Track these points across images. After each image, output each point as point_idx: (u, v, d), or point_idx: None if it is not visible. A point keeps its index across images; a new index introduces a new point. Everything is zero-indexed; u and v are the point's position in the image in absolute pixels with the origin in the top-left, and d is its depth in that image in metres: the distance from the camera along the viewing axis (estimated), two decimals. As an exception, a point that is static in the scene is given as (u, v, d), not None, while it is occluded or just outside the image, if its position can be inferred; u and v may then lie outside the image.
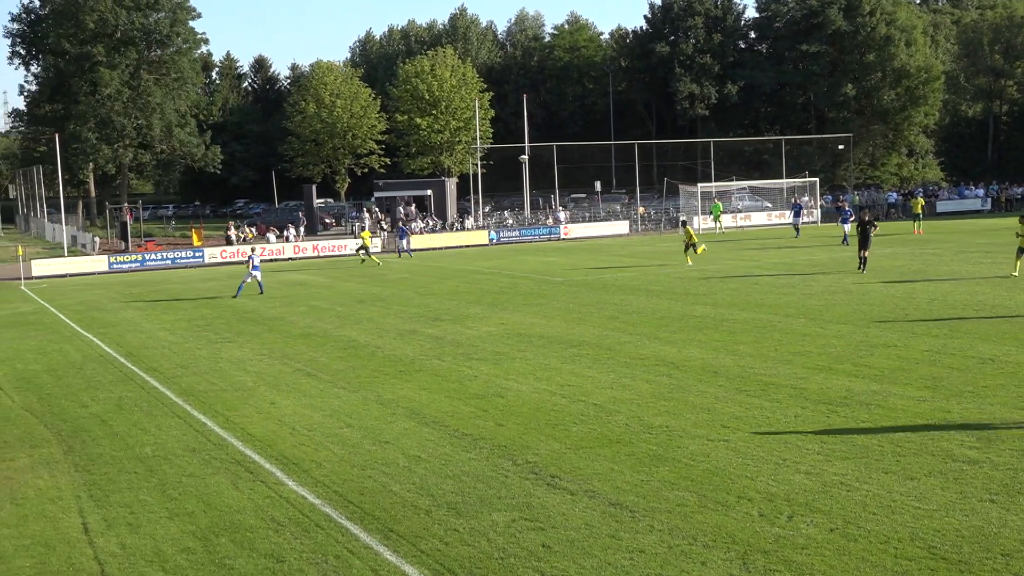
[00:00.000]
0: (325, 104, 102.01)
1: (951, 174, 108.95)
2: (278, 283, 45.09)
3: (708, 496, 13.12)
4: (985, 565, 10.58)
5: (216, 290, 42.65)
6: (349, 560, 11.58)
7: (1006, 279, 33.80)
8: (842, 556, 10.99)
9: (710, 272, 41.23)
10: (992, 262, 39.06)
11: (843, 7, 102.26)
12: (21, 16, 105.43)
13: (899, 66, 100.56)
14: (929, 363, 20.71)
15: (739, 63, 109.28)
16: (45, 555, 12.22)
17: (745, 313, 28.88)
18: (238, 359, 25.24)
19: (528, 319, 29.88)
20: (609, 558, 11.25)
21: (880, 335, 24.27)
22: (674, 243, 61.01)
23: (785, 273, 38.81)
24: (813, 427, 16.19)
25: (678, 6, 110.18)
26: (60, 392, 22.11)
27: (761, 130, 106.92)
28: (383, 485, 14.27)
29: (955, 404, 17.22)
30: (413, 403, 19.33)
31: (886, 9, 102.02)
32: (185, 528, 12.88)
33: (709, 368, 21.34)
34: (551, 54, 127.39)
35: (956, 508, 12.26)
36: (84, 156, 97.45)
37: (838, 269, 39.26)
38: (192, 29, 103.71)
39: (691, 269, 42.55)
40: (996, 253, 42.37)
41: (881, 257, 44.02)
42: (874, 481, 13.41)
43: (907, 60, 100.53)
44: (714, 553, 11.24)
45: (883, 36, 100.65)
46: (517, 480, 14.20)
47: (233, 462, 15.81)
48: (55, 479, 15.39)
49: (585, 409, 18.15)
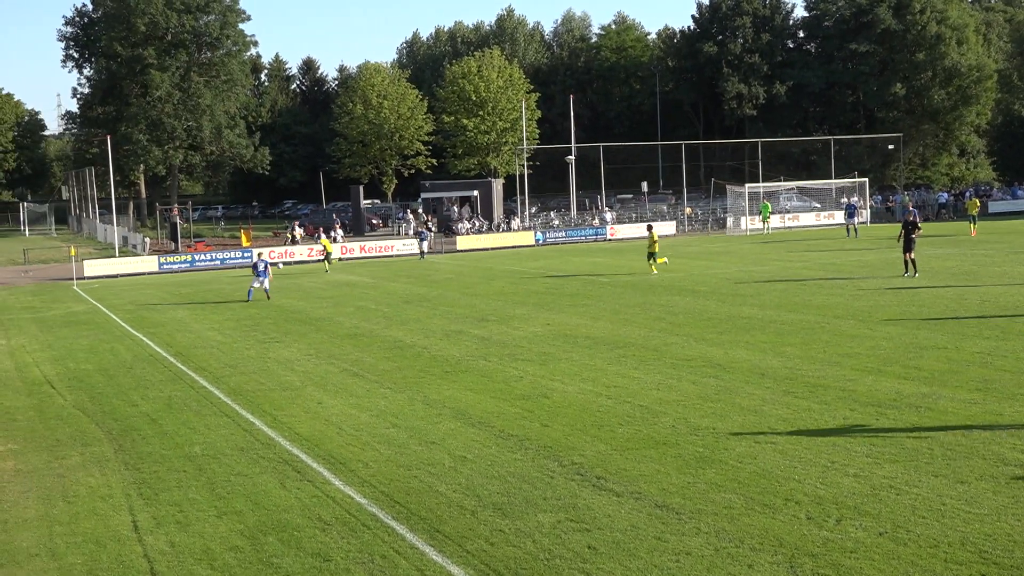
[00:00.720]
0: (372, 105, 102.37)
1: (1003, 174, 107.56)
2: (324, 284, 45.36)
3: (755, 499, 13.05)
4: (1037, 571, 10.45)
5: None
6: (395, 560, 11.62)
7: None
8: (891, 560, 10.89)
9: (757, 274, 40.96)
10: (1045, 263, 38.54)
11: (893, 5, 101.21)
12: (74, 20, 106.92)
13: (950, 65, 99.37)
14: (980, 365, 20.47)
15: (788, 63, 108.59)
16: (96, 552, 12.36)
17: (793, 314, 28.67)
18: (285, 359, 25.41)
19: (574, 320, 29.85)
20: (655, 560, 11.21)
21: (930, 337, 24.01)
22: (724, 244, 60.71)
23: (833, 275, 38.46)
24: (862, 429, 16.05)
25: (726, 6, 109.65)
26: (111, 391, 22.36)
27: (809, 130, 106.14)
28: (429, 485, 14.30)
29: (1007, 407, 17.01)
30: (459, 403, 19.37)
31: (937, 7, 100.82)
32: (233, 527, 12.98)
33: (756, 370, 21.21)
34: (598, 55, 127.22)
35: (1008, 512, 12.11)
36: (135, 158, 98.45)
37: (888, 271, 38.85)
38: (242, 31, 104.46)
39: (656, 276, 41.36)
40: (1049, 254, 41.83)
41: (932, 258, 43.53)
42: (924, 484, 13.27)
43: (958, 59, 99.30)
44: (761, 556, 11.18)
45: (934, 35, 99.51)
46: (563, 481, 14.19)
47: (281, 461, 15.92)
48: (106, 477, 15.56)
49: (631, 410, 18.10)
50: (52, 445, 17.68)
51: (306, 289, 43.09)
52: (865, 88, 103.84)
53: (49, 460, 16.68)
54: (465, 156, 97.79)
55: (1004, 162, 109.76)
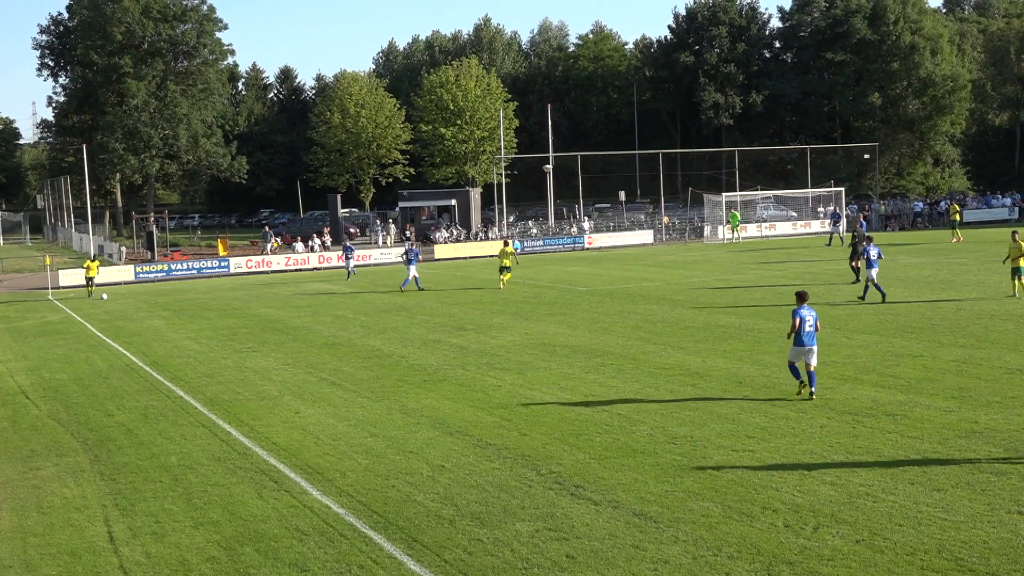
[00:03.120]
0: (350, 114, 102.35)
1: (978, 183, 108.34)
2: (302, 293, 45.25)
3: (733, 507, 13.08)
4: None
5: (242, 299, 42.83)
6: (373, 570, 11.59)
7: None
8: (868, 568, 10.93)
9: (734, 282, 41.11)
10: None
11: (868, 16, 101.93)
12: (50, 28, 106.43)
13: (925, 75, 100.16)
14: (956, 373, 20.60)
15: (764, 72, 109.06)
16: (71, 564, 12.29)
17: (769, 323, 28.78)
18: (263, 368, 25.33)
19: (552, 329, 29.88)
20: (633, 569, 11.22)
21: (906, 345, 24.14)
22: (701, 252, 60.90)
23: (810, 283, 38.62)
24: (839, 437, 16.13)
25: (702, 16, 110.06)
26: (86, 401, 22.24)
27: (786, 139, 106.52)
28: (407, 495, 14.28)
29: (982, 415, 17.12)
30: (437, 413, 19.35)
31: (911, 18, 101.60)
32: (210, 537, 12.93)
33: (734, 378, 21.28)
34: (575, 64, 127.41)
35: (984, 520, 12.18)
36: (111, 166, 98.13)
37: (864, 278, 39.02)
38: (219, 40, 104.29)
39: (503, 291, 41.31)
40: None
41: (908, 267, 43.81)
42: (900, 492, 13.34)
43: (933, 69, 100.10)
44: (739, 564, 11.20)
45: (908, 45, 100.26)
46: (541, 490, 14.19)
47: (258, 471, 15.86)
48: (81, 488, 15.47)
49: (609, 419, 18.12)
50: (26, 456, 17.57)
51: (283, 299, 42.97)
52: (841, 98, 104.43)
53: (23, 471, 16.58)
54: (443, 165, 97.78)
55: (978, 171, 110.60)
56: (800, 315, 19.30)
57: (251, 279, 55.82)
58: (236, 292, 46.99)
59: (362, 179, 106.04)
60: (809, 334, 19.17)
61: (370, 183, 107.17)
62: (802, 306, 19.52)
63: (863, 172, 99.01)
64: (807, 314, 19.33)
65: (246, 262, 61.45)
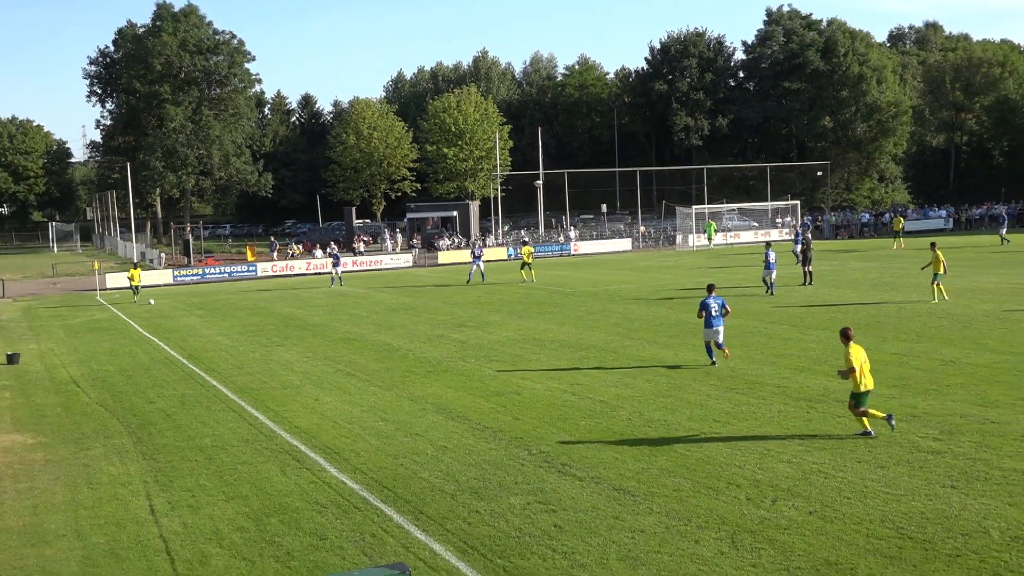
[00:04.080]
0: (363, 136, 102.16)
1: (917, 197, 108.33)
2: (321, 294, 45.21)
3: (701, 482, 13.11)
4: (947, 544, 10.55)
5: (267, 299, 42.79)
6: (383, 538, 11.60)
7: (966, 291, 33.51)
8: (820, 536, 10.97)
9: (703, 285, 40.98)
10: (954, 275, 38.80)
11: (821, 49, 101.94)
12: (98, 60, 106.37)
13: (871, 101, 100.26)
14: (897, 364, 20.64)
15: (729, 99, 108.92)
16: (117, 533, 12.29)
17: (733, 320, 28.73)
18: (286, 361, 25.32)
19: (542, 325, 29.88)
20: (613, 537, 11.25)
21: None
22: (674, 258, 60.89)
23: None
24: (794, 421, 16.16)
25: (675, 49, 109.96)
26: (130, 390, 22.23)
27: (748, 158, 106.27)
28: (413, 472, 14.29)
29: (920, 401, 17.16)
30: (440, 400, 19.36)
31: (859, 51, 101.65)
32: (240, 510, 12.94)
33: (702, 369, 21.30)
34: (563, 91, 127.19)
35: (921, 493, 12.22)
36: (152, 182, 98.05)
37: (817, 282, 39.03)
38: (247, 70, 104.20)
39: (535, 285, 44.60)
40: (957, 267, 42.14)
41: (856, 271, 43.88)
42: (848, 469, 13.37)
43: (878, 96, 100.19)
44: (706, 533, 11.23)
45: (856, 75, 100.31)
46: (532, 468, 14.21)
47: (282, 451, 15.87)
48: (126, 466, 15.47)
49: (592, 405, 18.14)
50: (78, 438, 17.56)
51: (304, 299, 42.94)
52: (797, 121, 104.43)
53: (75, 451, 16.58)
54: (446, 181, 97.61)
55: (918, 186, 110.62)
56: (706, 303, 21.26)
57: (276, 282, 55.75)
58: (262, 293, 46.94)
59: (374, 193, 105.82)
60: (716, 318, 21.11)
61: (381, 197, 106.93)
62: (709, 296, 21.51)
63: (816, 187, 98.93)
64: (712, 302, 21.25)
65: (272, 267, 61.41)
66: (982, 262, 45.45)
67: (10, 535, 12.42)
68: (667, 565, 10.37)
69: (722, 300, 21.63)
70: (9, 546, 12.03)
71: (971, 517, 11.31)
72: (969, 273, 39.46)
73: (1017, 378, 18.68)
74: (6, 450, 16.91)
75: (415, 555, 11.02)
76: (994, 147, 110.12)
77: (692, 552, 10.68)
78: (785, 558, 10.40)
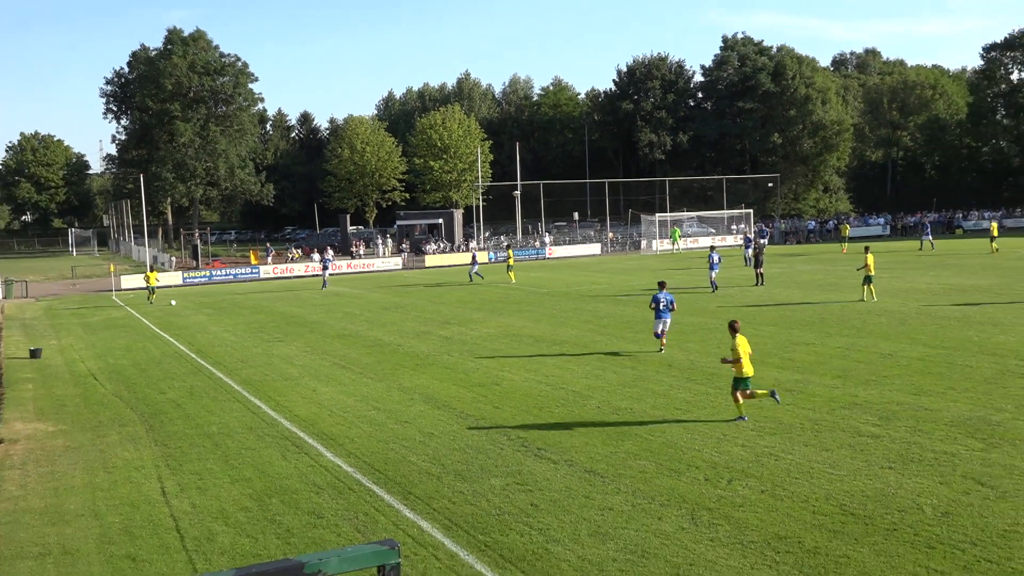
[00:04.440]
0: (357, 150, 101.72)
1: (858, 206, 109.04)
2: (318, 294, 45.05)
3: (664, 464, 13.14)
4: (884, 519, 10.62)
5: (269, 299, 42.58)
6: (375, 517, 11.58)
7: (901, 291, 33.77)
8: (771, 512, 11.02)
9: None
10: (891, 276, 39.12)
11: (771, 72, 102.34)
12: (114, 80, 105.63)
13: (816, 120, 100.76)
14: (841, 357, 20.77)
15: (689, 117, 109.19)
16: (131, 513, 12.21)
17: (693, 318, 28.91)
18: (286, 355, 25.22)
19: (520, 322, 29.88)
20: (584, 515, 11.26)
21: (801, 335, 24.32)
22: (639, 262, 61.00)
23: (724, 286, 38.80)
24: (748, 409, 16.21)
25: (640, 72, 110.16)
26: (143, 382, 22.09)
27: (706, 171, 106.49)
28: (403, 456, 14.26)
29: (861, 390, 17.27)
30: (427, 390, 19.33)
31: (806, 74, 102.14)
32: (244, 491, 12.88)
33: (665, 362, 21.36)
34: (538, 110, 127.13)
35: (862, 473, 12.30)
36: (163, 192, 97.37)
37: (768, 283, 39.22)
38: (251, 90, 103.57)
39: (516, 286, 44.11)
40: (895, 269, 42.44)
41: (803, 272, 44.09)
42: (796, 452, 13.44)
43: (823, 115, 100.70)
44: (669, 510, 11.26)
45: (803, 96, 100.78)
46: (510, 452, 14.20)
47: (282, 438, 15.80)
48: (139, 452, 15.37)
49: (565, 395, 18.15)
50: (95, 426, 17.44)
51: (303, 299, 42.77)
52: (750, 138, 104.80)
53: (92, 438, 16.46)
54: (432, 191, 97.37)
55: (858, 197, 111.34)
56: (657, 297, 22.65)
57: (277, 283, 55.51)
58: (264, 294, 46.72)
59: (367, 202, 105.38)
60: (664, 311, 22.50)
61: (373, 205, 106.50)
62: (660, 292, 22.74)
63: (767, 197, 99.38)
64: (662, 296, 22.54)
65: (273, 269, 61.11)
66: (916, 265, 45.79)
67: (33, 515, 12.32)
68: (633, 540, 10.39)
69: (671, 297, 22.67)
70: (32, 525, 11.93)
71: (906, 495, 11.39)
72: (905, 274, 39.75)
73: (947, 369, 18.84)
74: (29, 437, 16.77)
75: (404, 532, 11.00)
76: (926, 162, 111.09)
77: (656, 528, 10.71)
78: (740, 533, 10.44)
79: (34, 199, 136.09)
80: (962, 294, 32.05)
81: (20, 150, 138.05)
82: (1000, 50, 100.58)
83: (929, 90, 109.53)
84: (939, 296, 31.84)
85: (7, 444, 16.30)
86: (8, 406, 19.84)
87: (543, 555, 10.09)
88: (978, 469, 12.25)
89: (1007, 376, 17.91)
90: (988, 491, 11.38)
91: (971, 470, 12.22)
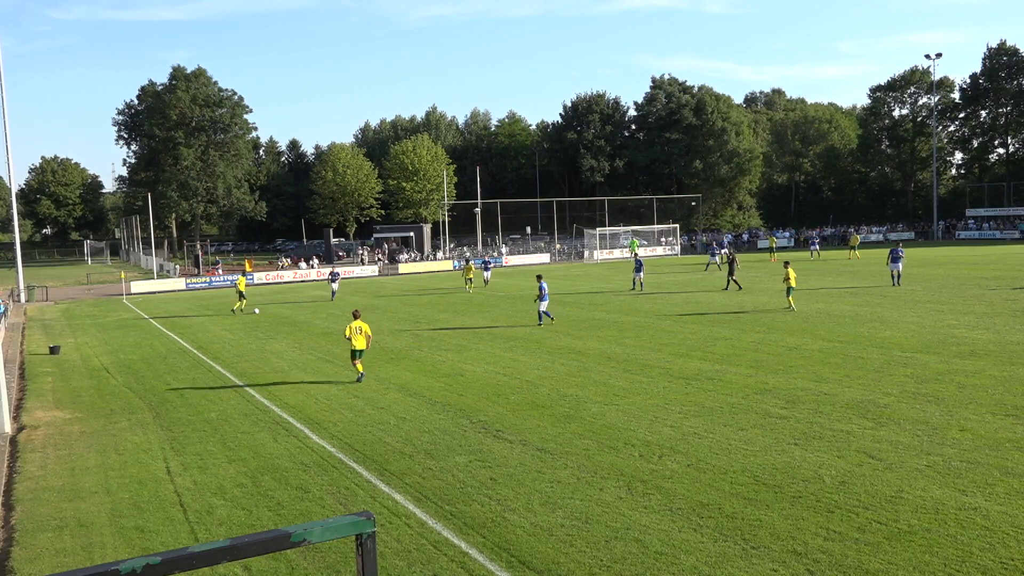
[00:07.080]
0: (339, 172, 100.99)
1: (767, 222, 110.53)
2: (305, 297, 44.59)
3: (604, 443, 13.16)
4: (791, 488, 10.73)
5: (262, 302, 42.02)
6: (355, 491, 11.46)
7: (802, 294, 34.18)
8: (696, 484, 11.08)
9: (606, 289, 41.39)
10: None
11: (693, 108, 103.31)
12: (124, 111, 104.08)
13: (731, 149, 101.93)
14: (754, 351, 20.98)
15: (624, 145, 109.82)
16: (139, 489, 11.97)
17: (628, 317, 29.05)
18: (277, 350, 24.91)
19: (480, 322, 29.82)
20: (536, 487, 11.24)
21: (720, 331, 24.54)
22: (582, 270, 61.20)
23: (656, 290, 39.07)
24: (676, 395, 16.32)
25: (582, 107, 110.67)
26: (151, 374, 21.69)
27: (639, 191, 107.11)
28: (379, 438, 14.14)
29: (771, 379, 17.45)
30: (400, 380, 19.20)
31: (722, 110, 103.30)
32: (239, 469, 12.68)
33: (605, 355, 21.43)
34: (496, 139, 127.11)
35: (772, 449, 12.42)
36: (168, 209, 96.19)
37: (695, 287, 39.56)
38: (246, 120, 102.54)
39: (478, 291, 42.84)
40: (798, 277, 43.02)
41: (721, 279, 44.50)
42: (717, 432, 13.54)
43: (737, 145, 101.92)
44: (608, 482, 11.28)
45: (720, 128, 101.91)
46: (473, 433, 14.15)
47: (274, 423, 15.59)
48: (146, 436, 15.08)
49: (519, 384, 18.14)
50: (107, 413, 17.08)
51: (291, 302, 42.28)
52: (676, 163, 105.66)
53: (105, 424, 16.12)
54: (404, 208, 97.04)
55: (768, 214, 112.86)
56: (542, 285, 26.93)
57: (269, 288, 54.84)
58: (258, 298, 46.12)
59: (348, 217, 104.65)
60: (544, 297, 26.82)
61: (353, 220, 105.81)
62: (542, 283, 27.11)
63: (691, 214, 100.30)
64: (544, 284, 27.09)
65: (266, 275, 60.37)
66: (816, 271, 46.47)
67: (51, 492, 12.03)
68: (578, 508, 10.39)
69: (545, 285, 27.15)
70: (51, 501, 11.65)
71: (809, 467, 11.52)
72: (805, 280, 40.29)
73: (843, 360, 19.11)
74: (49, 424, 16.39)
75: (380, 504, 10.90)
76: (824, 184, 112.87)
77: (597, 498, 10.72)
78: (669, 501, 10.48)
79: (53, 214, 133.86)
80: (854, 296, 32.56)
81: (41, 171, 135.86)
82: (884, 91, 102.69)
83: (826, 124, 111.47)
84: (835, 299, 32.29)
85: (29, 430, 15.91)
86: (30, 396, 19.40)
87: (501, 522, 10.05)
88: (869, 444, 12.43)
89: (893, 366, 18.21)
90: (878, 463, 11.55)
91: (863, 445, 12.39)
